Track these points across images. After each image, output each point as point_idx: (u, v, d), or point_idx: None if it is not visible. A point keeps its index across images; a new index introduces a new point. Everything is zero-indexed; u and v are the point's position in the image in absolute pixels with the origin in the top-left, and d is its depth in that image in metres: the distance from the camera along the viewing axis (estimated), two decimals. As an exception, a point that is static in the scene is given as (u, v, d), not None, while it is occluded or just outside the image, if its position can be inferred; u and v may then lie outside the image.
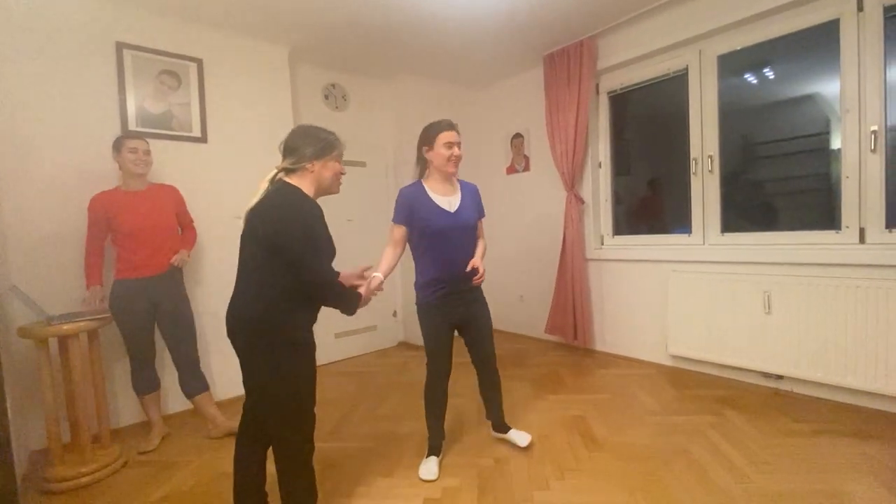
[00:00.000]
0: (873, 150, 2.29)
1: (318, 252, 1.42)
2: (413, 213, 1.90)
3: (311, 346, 1.49)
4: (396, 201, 1.97)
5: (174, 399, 2.67)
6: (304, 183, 1.50)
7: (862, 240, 2.35)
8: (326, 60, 3.50)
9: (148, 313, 2.26)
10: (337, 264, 1.53)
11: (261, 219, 1.38)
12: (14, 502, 1.41)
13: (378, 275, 1.77)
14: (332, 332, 3.62)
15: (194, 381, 2.38)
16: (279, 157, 1.55)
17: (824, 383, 2.38)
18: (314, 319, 1.54)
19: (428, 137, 1.97)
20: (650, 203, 3.50)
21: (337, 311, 1.56)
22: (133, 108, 2.59)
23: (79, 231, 2.28)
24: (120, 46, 2.55)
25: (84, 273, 2.24)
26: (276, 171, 1.50)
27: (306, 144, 1.50)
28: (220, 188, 2.87)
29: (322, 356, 3.55)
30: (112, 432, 2.28)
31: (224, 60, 2.93)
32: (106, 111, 2.51)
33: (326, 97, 3.66)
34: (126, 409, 2.56)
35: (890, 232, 2.27)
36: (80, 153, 2.40)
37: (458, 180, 2.06)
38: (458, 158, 1.94)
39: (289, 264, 1.35)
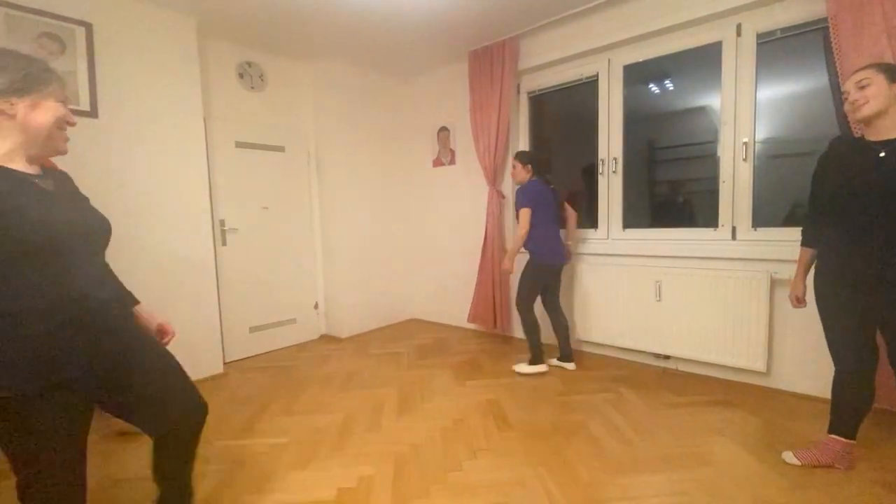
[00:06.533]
0: (745, 159, 2.64)
1: None
2: None
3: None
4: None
5: None
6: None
7: (734, 237, 2.71)
8: (242, 36, 3.28)
9: None
10: (252, 255, 1.41)
11: None
12: None
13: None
14: (246, 326, 3.44)
15: None
16: (188, 139, 1.30)
17: (701, 361, 2.73)
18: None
19: None
20: (565, 200, 3.73)
21: (252, 302, 1.42)
22: (3, 72, 2.25)
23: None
24: (-11, 2, 2.20)
25: None
26: None
27: None
28: (115, 171, 2.60)
29: (235, 351, 3.39)
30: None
31: (119, 27, 2.63)
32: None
33: (241, 76, 3.43)
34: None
35: (755, 230, 2.64)
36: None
37: None
38: None
39: None
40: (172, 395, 1.27)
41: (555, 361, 3.03)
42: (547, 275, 2.97)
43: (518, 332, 3.75)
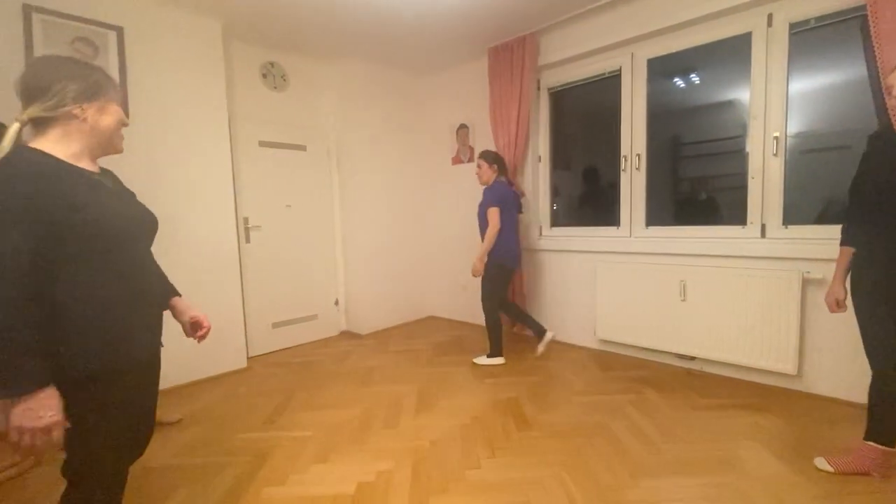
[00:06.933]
0: (775, 154, 2.55)
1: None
2: None
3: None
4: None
5: None
6: (68, 140, 1.04)
7: (763, 234, 2.62)
8: (264, 37, 3.34)
9: None
10: (274, 253, 1.38)
11: None
12: None
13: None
14: (269, 322, 3.51)
15: None
16: (213, 139, 1.25)
17: (728, 362, 2.64)
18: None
19: None
20: (585, 197, 3.68)
21: (274, 298, 1.40)
22: (41, 77, 2.36)
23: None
24: (28, 9, 2.30)
25: None
26: (18, 124, 1.01)
27: (67, 79, 1.03)
28: (143, 170, 2.68)
29: (258, 347, 3.46)
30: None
31: (148, 30, 2.71)
32: (11, 81, 2.25)
33: (264, 76, 3.50)
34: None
35: (786, 228, 2.55)
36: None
37: None
38: None
39: None
40: (152, 416, 1.30)
41: (540, 350, 3.12)
42: (507, 274, 3.10)
43: (538, 330, 3.72)
